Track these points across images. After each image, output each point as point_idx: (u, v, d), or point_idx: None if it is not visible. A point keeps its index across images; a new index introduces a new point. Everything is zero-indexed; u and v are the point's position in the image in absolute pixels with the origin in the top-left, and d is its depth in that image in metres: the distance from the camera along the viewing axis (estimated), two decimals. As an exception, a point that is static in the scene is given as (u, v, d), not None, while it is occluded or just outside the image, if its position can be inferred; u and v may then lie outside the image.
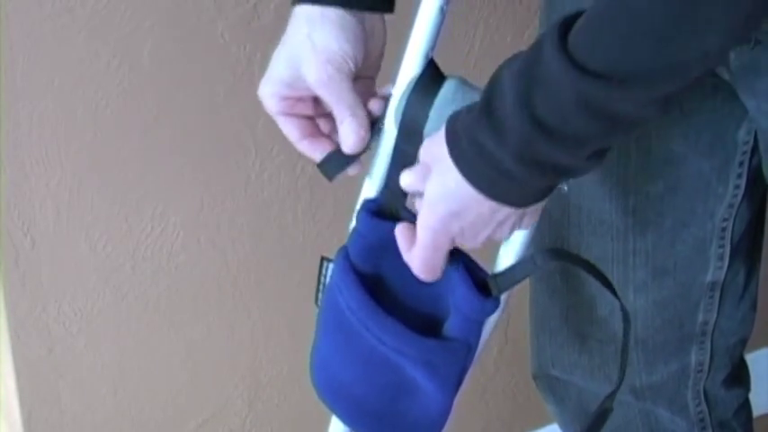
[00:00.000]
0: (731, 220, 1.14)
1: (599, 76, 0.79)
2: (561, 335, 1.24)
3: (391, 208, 1.01)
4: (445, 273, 0.98)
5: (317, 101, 1.03)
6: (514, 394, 1.83)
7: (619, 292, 1.16)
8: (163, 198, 1.46)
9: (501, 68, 0.86)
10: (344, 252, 1.03)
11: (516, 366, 1.80)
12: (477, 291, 0.97)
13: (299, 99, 1.03)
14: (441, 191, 0.90)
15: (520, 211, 0.91)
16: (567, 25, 0.81)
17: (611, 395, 1.02)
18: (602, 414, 1.04)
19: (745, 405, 1.29)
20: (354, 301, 1.01)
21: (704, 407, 1.25)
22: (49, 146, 1.37)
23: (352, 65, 0.99)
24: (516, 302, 1.76)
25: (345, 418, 1.08)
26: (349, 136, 1.00)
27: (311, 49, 0.99)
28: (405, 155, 0.98)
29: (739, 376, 1.27)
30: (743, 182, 1.11)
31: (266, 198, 1.52)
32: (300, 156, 1.53)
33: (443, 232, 0.92)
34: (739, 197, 1.12)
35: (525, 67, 0.83)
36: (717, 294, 1.18)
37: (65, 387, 1.49)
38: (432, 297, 1.01)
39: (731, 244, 1.15)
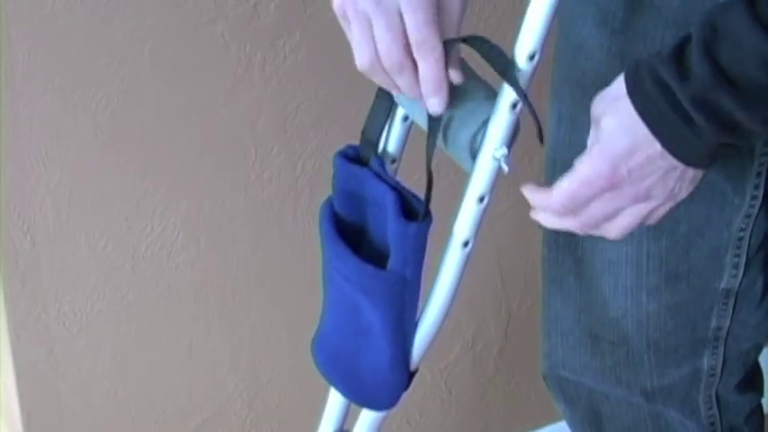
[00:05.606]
0: (748, 230, 1.13)
1: None
2: (573, 336, 1.24)
3: (368, 155, 1.03)
4: None
5: None
6: (514, 394, 1.83)
7: (632, 295, 1.15)
8: (163, 198, 1.46)
9: (701, 21, 0.89)
10: (329, 199, 1.06)
11: (516, 366, 1.79)
12: (403, 216, 0.98)
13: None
14: (616, 124, 0.92)
15: (683, 169, 0.92)
16: None
17: None
18: None
19: (758, 410, 1.28)
20: (327, 239, 1.04)
21: (715, 411, 1.24)
22: (49, 146, 1.37)
23: None
24: (517, 303, 1.77)
25: (336, 381, 1.10)
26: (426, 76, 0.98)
27: None
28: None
29: (753, 381, 1.26)
30: (760, 192, 1.11)
31: (266, 198, 1.51)
32: (300, 156, 1.54)
33: (609, 175, 0.92)
34: (756, 207, 1.12)
35: (712, 18, 0.87)
36: (731, 301, 1.17)
37: (65, 387, 1.49)
38: None
39: (747, 253, 1.14)
